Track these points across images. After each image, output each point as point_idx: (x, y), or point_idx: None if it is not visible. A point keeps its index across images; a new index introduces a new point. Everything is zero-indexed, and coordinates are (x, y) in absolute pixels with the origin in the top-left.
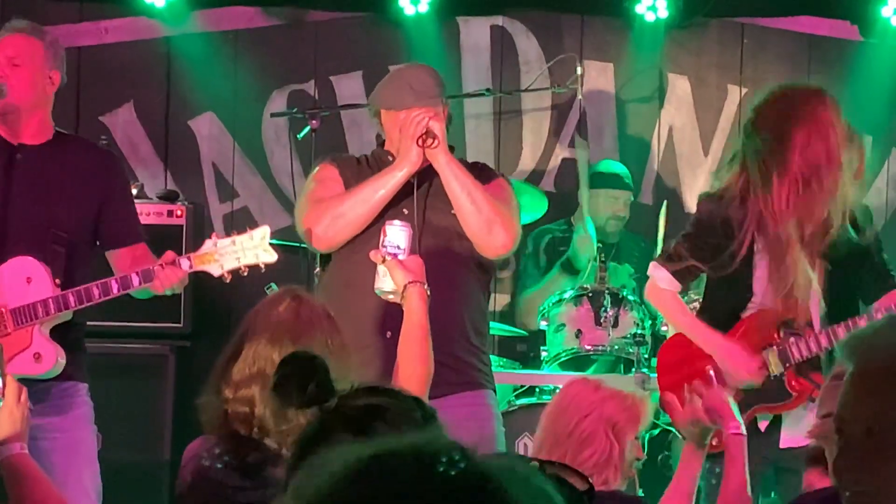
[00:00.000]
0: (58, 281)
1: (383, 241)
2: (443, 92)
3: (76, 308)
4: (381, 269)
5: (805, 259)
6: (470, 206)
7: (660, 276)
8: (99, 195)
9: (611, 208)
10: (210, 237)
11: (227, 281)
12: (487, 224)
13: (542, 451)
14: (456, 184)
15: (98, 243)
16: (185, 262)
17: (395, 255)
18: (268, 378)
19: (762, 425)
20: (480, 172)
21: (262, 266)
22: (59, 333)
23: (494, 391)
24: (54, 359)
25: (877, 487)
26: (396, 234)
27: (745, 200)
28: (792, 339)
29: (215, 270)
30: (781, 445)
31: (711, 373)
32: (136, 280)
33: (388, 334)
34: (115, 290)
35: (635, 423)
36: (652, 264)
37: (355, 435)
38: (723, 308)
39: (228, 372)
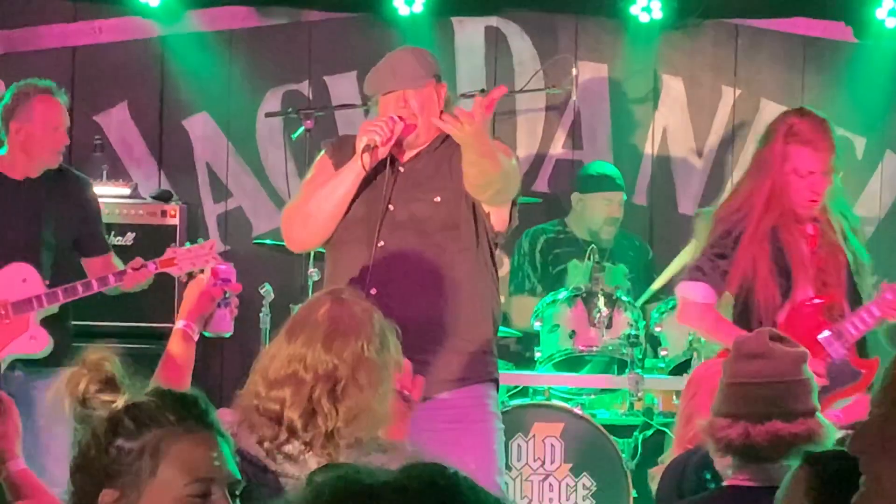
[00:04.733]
0: (47, 281)
1: None
2: (430, 72)
3: (63, 301)
4: None
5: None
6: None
7: (692, 292)
8: (78, 218)
9: (605, 211)
10: (170, 247)
11: (184, 281)
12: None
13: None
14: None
15: (77, 252)
16: (151, 266)
17: None
18: (299, 381)
19: (838, 412)
20: None
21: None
22: (48, 324)
23: (494, 382)
24: (46, 341)
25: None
26: None
27: None
28: (843, 320)
29: (175, 272)
30: None
31: None
32: (112, 280)
33: None
34: (95, 287)
35: None
36: (679, 286)
37: (109, 431)
38: (755, 315)
39: (265, 370)
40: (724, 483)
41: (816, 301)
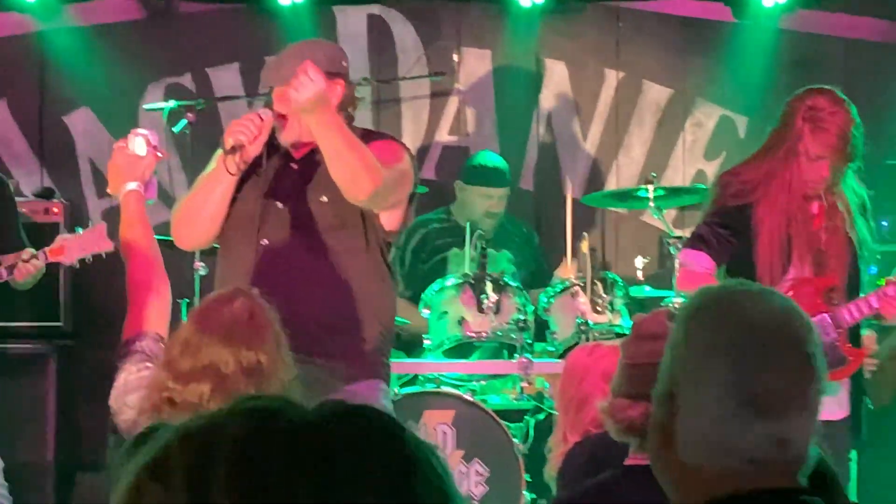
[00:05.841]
0: None
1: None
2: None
3: None
4: None
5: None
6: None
7: (693, 260)
8: None
9: (485, 206)
10: (60, 234)
11: (77, 267)
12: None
13: (558, 421)
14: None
15: None
16: (41, 256)
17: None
18: (222, 376)
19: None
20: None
21: (104, 254)
22: None
23: (384, 379)
24: None
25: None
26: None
27: None
28: (841, 305)
29: (66, 260)
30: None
31: None
32: (3, 273)
33: None
34: None
35: None
36: (680, 253)
37: None
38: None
39: (175, 362)
40: (626, 462)
41: (815, 281)
